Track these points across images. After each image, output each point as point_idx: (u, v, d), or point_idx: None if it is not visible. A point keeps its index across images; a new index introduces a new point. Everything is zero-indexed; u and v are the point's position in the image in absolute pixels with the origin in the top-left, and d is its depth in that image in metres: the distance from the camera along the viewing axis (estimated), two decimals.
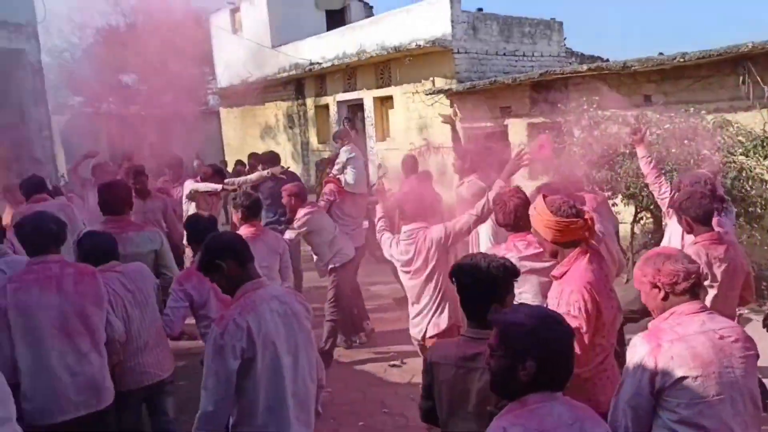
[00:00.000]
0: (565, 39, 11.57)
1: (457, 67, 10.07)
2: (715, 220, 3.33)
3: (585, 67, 8.15)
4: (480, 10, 10.65)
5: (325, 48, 12.46)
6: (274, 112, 14.86)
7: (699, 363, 1.95)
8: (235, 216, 4.23)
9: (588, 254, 2.53)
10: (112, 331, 2.99)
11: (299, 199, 5.14)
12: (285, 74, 13.53)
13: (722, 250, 3.17)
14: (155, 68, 16.58)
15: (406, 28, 10.55)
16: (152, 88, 17.66)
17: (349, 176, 6.02)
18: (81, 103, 18.38)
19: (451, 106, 10.14)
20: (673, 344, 1.98)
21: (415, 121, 10.88)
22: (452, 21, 9.94)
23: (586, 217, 2.55)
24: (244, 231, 3.95)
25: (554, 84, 8.63)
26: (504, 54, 10.65)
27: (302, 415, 2.41)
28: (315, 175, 11.42)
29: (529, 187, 3.90)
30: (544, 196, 2.68)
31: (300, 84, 13.80)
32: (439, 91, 10.03)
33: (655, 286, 2.10)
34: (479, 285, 2.14)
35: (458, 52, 10.06)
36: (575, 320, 2.34)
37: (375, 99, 11.81)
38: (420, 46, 10.02)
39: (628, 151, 6.23)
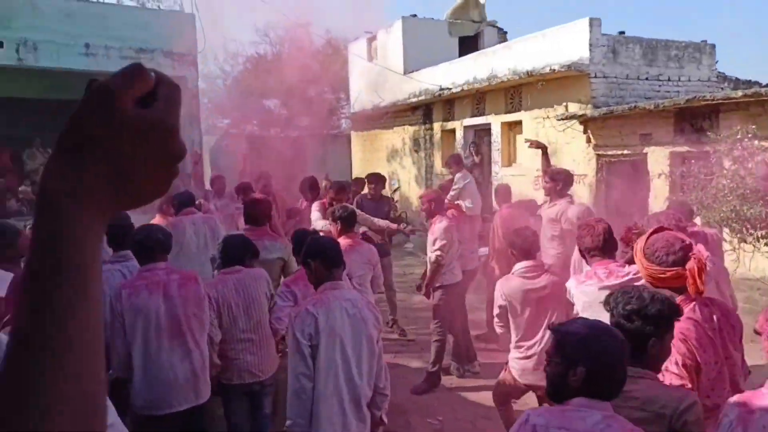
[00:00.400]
0: (716, 62, 10.62)
1: (593, 91, 9.60)
2: None
3: (740, 92, 7.38)
4: (622, 33, 10.11)
5: (455, 73, 12.52)
6: (402, 135, 15.15)
7: None
8: (333, 228, 4.46)
9: (693, 303, 2.31)
10: (214, 330, 3.29)
11: (439, 205, 5.30)
12: (414, 99, 13.77)
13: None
14: (295, 94, 17.67)
15: (541, 52, 10.29)
16: (291, 113, 18.82)
17: (468, 201, 6.08)
18: (228, 125, 20.06)
19: (585, 132, 9.66)
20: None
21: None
22: (591, 44, 9.52)
23: (689, 267, 2.28)
24: (342, 242, 4.13)
25: (702, 111, 7.91)
26: (646, 78, 9.98)
27: (356, 411, 2.65)
28: None
29: None
30: (651, 233, 2.46)
31: (428, 109, 13.96)
32: (573, 117, 9.61)
33: None
34: (643, 321, 2.00)
35: (595, 77, 9.60)
36: (676, 378, 2.16)
37: (503, 124, 11.60)
38: (554, 70, 9.70)
39: None
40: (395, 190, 15.21)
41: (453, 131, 13.19)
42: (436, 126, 13.74)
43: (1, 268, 2.96)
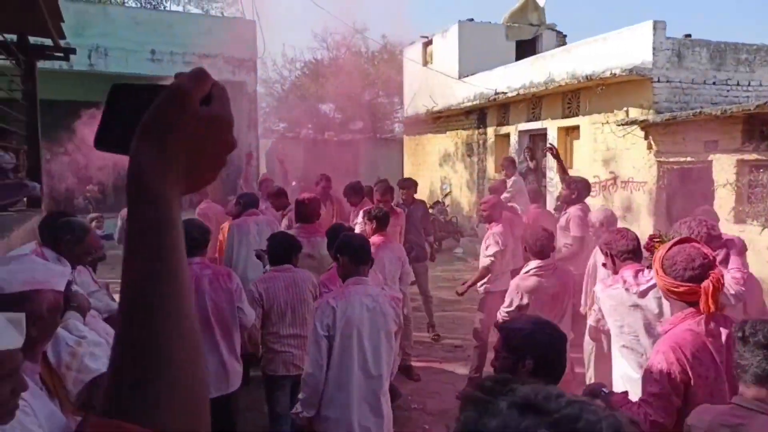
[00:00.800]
0: None
1: (655, 96, 9.26)
2: None
3: None
4: (688, 36, 9.72)
5: (511, 77, 12.35)
6: (454, 140, 15.05)
7: None
8: (368, 226, 4.75)
9: (702, 316, 2.28)
10: (245, 317, 3.43)
11: (498, 211, 5.43)
12: (468, 104, 13.66)
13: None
14: (349, 98, 17.87)
15: (601, 56, 10.02)
16: (345, 116, 19.05)
17: (518, 206, 6.13)
18: (284, 128, 20.49)
19: (646, 138, 9.34)
20: None
21: (601, 153, 10.22)
22: (654, 48, 9.19)
23: (704, 285, 2.26)
24: (375, 239, 4.47)
25: None
26: (713, 83, 9.56)
27: (372, 402, 2.80)
28: None
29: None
30: (674, 244, 2.44)
31: (482, 113, 13.83)
32: (633, 122, 9.30)
33: None
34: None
35: (658, 81, 9.26)
36: (654, 384, 2.20)
37: (559, 129, 11.35)
38: (615, 74, 9.43)
39: None
40: (446, 195, 15.12)
41: (507, 136, 13.01)
42: (490, 131, 13.59)
43: (68, 264, 3.07)
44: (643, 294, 2.91)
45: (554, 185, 11.23)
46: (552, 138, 11.47)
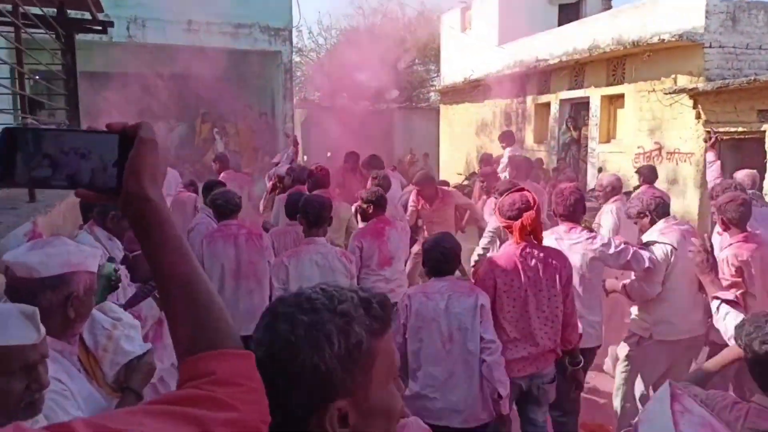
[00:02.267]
0: None
1: (707, 63, 8.81)
2: None
3: None
4: None
5: (553, 44, 11.92)
6: (492, 109, 14.72)
7: None
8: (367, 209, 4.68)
9: (524, 244, 3.12)
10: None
11: (493, 181, 5.81)
12: (508, 71, 13.29)
13: (751, 249, 3.41)
14: (385, 66, 17.60)
15: (649, 20, 9.55)
16: (381, 85, 18.83)
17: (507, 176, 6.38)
18: (320, 97, 20.40)
19: (695, 106, 8.92)
20: None
21: (647, 123, 9.83)
22: (707, 11, 8.70)
23: (515, 223, 3.09)
24: (371, 225, 4.51)
25: None
26: None
27: None
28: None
29: None
30: (509, 193, 3.26)
31: (523, 81, 13.44)
32: (682, 90, 8.89)
33: None
34: None
35: (710, 47, 8.79)
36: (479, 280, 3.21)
37: (603, 97, 10.94)
38: (664, 40, 8.98)
39: None
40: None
41: (548, 105, 12.64)
42: (529, 99, 13.23)
43: (118, 242, 3.12)
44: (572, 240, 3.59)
45: (595, 156, 10.91)
46: (595, 107, 11.09)
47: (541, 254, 3.12)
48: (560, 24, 13.27)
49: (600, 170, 8.72)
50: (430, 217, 5.66)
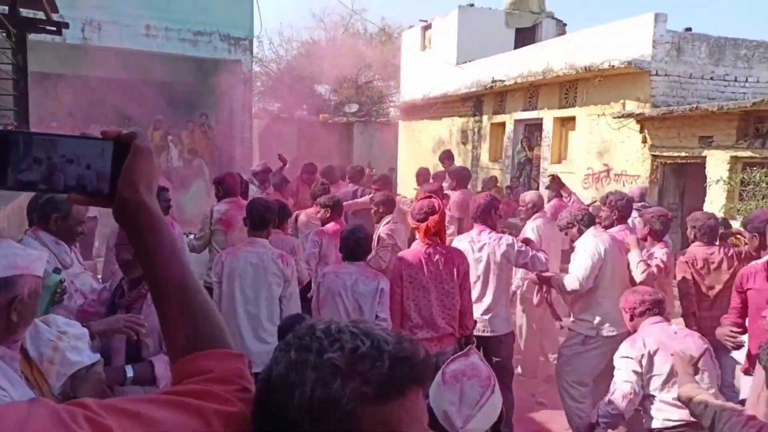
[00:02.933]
0: None
1: (653, 90, 9.23)
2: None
3: None
4: (688, 29, 9.67)
5: (510, 65, 12.27)
6: (449, 127, 14.98)
7: None
8: (323, 214, 4.98)
9: (425, 244, 3.63)
10: (300, 274, 4.08)
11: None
12: (465, 90, 13.58)
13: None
14: (346, 80, 17.69)
15: (601, 47, 9.95)
16: (341, 99, 18.91)
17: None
18: (279, 108, 20.31)
19: (641, 131, 9.33)
20: None
21: (596, 145, 10.21)
22: (654, 41, 9.14)
23: (421, 225, 3.60)
24: (332, 227, 4.81)
25: None
26: (711, 78, 9.53)
27: (254, 334, 3.58)
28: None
29: None
30: (420, 199, 3.86)
31: (479, 101, 13.75)
32: (629, 115, 9.28)
33: None
34: None
35: (657, 74, 9.22)
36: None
37: (555, 119, 11.31)
38: (614, 66, 9.38)
39: None
40: None
41: (503, 124, 12.96)
42: (486, 119, 13.54)
43: (65, 245, 3.02)
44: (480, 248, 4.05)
45: (547, 176, 11.23)
46: (548, 128, 11.44)
47: (443, 252, 3.63)
48: (516, 47, 13.66)
49: (553, 179, 8.98)
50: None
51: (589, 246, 3.93)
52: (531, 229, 5.23)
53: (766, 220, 3.96)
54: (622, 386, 2.93)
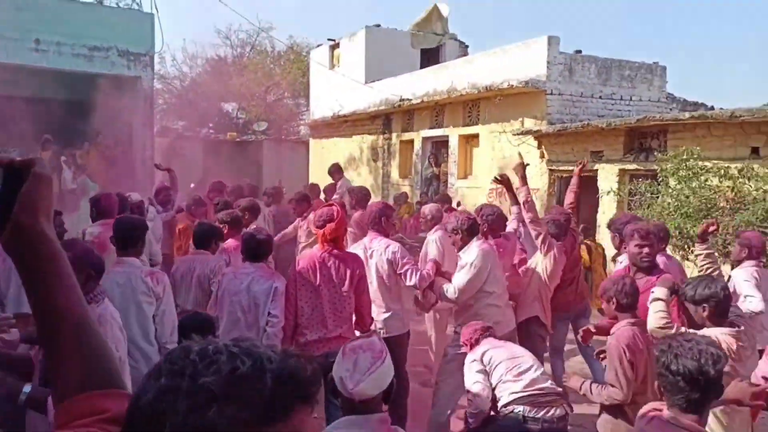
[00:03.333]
0: (666, 84, 10.99)
1: (548, 108, 9.80)
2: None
3: (687, 114, 7.65)
4: (578, 51, 10.37)
5: (416, 85, 12.60)
6: (360, 144, 15.13)
7: None
8: (225, 229, 5.01)
9: (321, 249, 3.81)
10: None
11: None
12: (374, 109, 13.78)
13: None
14: (253, 98, 17.42)
15: (500, 67, 10.45)
16: (249, 117, 18.58)
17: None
18: (183, 127, 19.64)
19: (539, 147, 9.85)
20: None
21: (498, 161, 10.66)
22: (548, 62, 9.72)
23: (318, 232, 3.85)
24: (231, 243, 4.83)
25: (651, 131, 8.17)
26: (600, 97, 10.26)
27: (130, 350, 3.32)
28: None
29: None
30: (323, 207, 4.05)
31: (388, 119, 14.00)
32: (528, 132, 9.78)
33: None
34: None
35: (551, 94, 9.80)
36: None
37: (460, 137, 11.72)
38: (512, 85, 9.87)
39: (729, 207, 5.71)
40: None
41: (411, 142, 13.25)
42: (395, 136, 13.79)
43: None
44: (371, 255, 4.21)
45: (454, 191, 11.58)
46: (453, 145, 11.82)
47: (338, 257, 3.81)
48: (422, 66, 14.06)
49: (458, 204, 9.24)
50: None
51: (473, 259, 4.05)
52: (432, 241, 5.26)
53: (625, 222, 4.57)
54: (473, 387, 3.30)
